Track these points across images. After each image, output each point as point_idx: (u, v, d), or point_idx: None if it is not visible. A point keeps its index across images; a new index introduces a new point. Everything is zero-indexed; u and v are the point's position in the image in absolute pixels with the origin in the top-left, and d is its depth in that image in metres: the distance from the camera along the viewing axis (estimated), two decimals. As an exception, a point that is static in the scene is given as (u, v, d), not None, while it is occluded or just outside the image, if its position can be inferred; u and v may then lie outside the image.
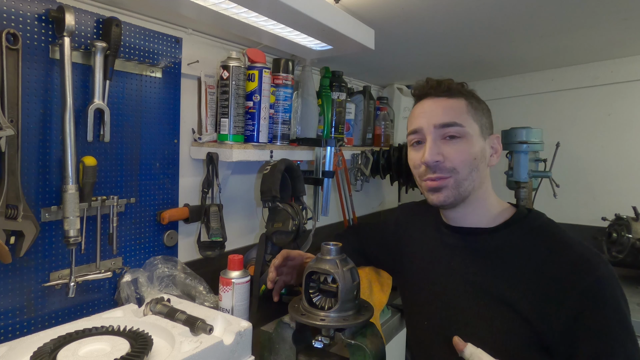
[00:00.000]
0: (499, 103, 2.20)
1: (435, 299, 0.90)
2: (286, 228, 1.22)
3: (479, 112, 0.88)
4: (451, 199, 0.85)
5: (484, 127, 0.88)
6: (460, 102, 0.86)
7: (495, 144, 0.91)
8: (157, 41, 1.12)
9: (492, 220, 0.88)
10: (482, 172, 0.87)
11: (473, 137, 0.85)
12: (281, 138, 1.38)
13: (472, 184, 0.85)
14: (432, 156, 0.83)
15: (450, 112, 0.85)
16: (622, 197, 1.86)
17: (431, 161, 0.83)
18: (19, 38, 0.84)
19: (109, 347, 0.72)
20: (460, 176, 0.84)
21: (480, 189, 0.88)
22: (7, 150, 0.82)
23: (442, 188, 0.85)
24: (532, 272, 0.78)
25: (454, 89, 0.87)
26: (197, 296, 1.13)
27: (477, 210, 0.89)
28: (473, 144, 0.85)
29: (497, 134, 0.92)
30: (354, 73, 1.93)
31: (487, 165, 0.89)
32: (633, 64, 1.84)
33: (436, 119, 0.85)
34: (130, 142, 1.09)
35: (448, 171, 0.84)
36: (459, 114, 0.85)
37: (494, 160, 0.91)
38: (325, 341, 0.84)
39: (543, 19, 1.29)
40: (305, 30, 1.10)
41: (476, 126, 0.86)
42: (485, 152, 0.88)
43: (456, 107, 0.85)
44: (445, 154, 0.84)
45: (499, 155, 0.91)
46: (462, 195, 0.85)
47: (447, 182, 0.84)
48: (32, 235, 0.87)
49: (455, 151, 0.84)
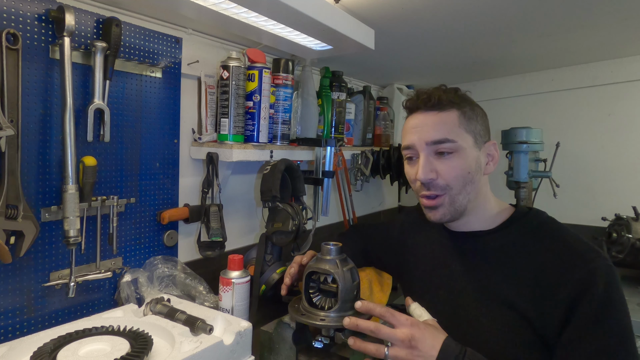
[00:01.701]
0: (499, 103, 2.20)
1: (440, 303, 0.90)
2: (286, 228, 1.22)
3: (472, 121, 0.86)
4: (448, 217, 0.86)
5: (478, 136, 0.86)
6: (452, 114, 0.85)
7: (492, 151, 0.89)
8: (157, 41, 1.12)
9: (491, 222, 0.88)
10: (477, 183, 0.86)
11: (466, 149, 0.84)
12: (281, 138, 1.38)
13: (467, 197, 0.85)
14: (425, 174, 0.84)
15: (442, 127, 0.84)
16: (622, 197, 1.86)
17: (424, 179, 0.84)
18: (19, 38, 0.84)
19: (109, 347, 0.72)
20: (454, 191, 0.84)
21: (479, 198, 0.87)
22: (7, 150, 0.82)
23: (438, 207, 0.86)
24: (531, 270, 0.78)
25: (444, 101, 0.85)
26: (197, 296, 1.13)
27: (479, 216, 0.89)
28: (466, 157, 0.84)
29: (494, 140, 0.90)
30: (354, 73, 1.93)
31: (483, 174, 0.88)
32: (633, 64, 1.84)
33: (427, 136, 0.84)
34: (130, 142, 1.09)
35: (441, 188, 0.84)
36: (451, 129, 0.83)
37: (490, 168, 0.89)
38: (325, 341, 0.84)
39: (543, 19, 1.29)
40: (305, 30, 1.10)
41: (469, 137, 0.85)
42: (480, 162, 0.87)
43: (448, 122, 0.84)
44: (438, 171, 0.84)
45: (496, 162, 0.89)
46: (458, 210, 0.85)
47: (442, 201, 0.85)
48: (32, 235, 0.87)
49: (448, 167, 0.83)
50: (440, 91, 0.87)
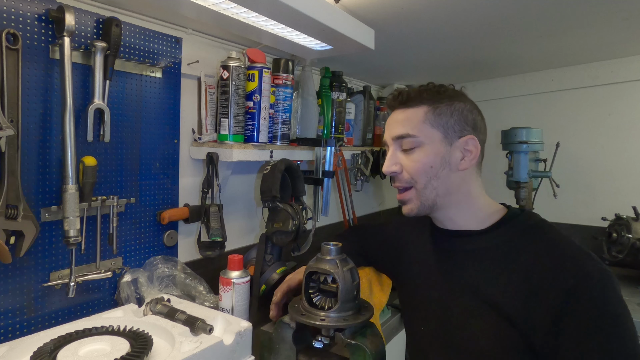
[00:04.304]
0: (499, 103, 2.20)
1: (431, 304, 0.90)
2: (286, 228, 1.22)
3: (443, 116, 0.85)
4: (415, 211, 0.88)
5: (450, 131, 0.85)
6: (419, 110, 0.86)
7: (470, 146, 0.86)
8: (157, 41, 1.12)
9: (482, 222, 0.87)
10: (446, 178, 0.85)
11: (429, 145, 0.85)
12: (281, 138, 1.38)
13: (434, 192, 0.85)
14: (388, 167, 0.88)
15: (405, 123, 0.86)
16: (622, 197, 1.86)
17: (387, 171, 0.89)
18: (19, 38, 0.84)
19: (109, 347, 0.72)
20: (419, 185, 0.86)
21: (458, 193, 0.87)
22: (7, 150, 0.82)
23: (407, 201, 0.89)
24: (519, 273, 0.77)
25: (413, 98, 0.87)
26: (197, 296, 1.13)
27: (463, 213, 0.88)
28: (429, 153, 0.84)
29: (471, 135, 0.86)
30: (354, 73, 1.93)
31: (458, 169, 0.86)
32: (633, 64, 1.84)
33: (393, 132, 0.89)
34: (130, 142, 1.09)
35: (406, 181, 0.87)
36: (414, 125, 0.85)
37: (466, 164, 0.86)
38: (325, 341, 0.84)
39: (543, 19, 1.29)
40: (305, 30, 1.10)
41: (437, 132, 0.85)
42: (449, 158, 0.85)
43: (412, 118, 0.86)
44: (403, 165, 0.87)
45: (474, 157, 0.86)
46: (425, 204, 0.87)
47: (409, 194, 0.88)
48: (32, 235, 0.87)
49: (410, 161, 0.86)
50: (416, 89, 0.89)
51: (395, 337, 1.32)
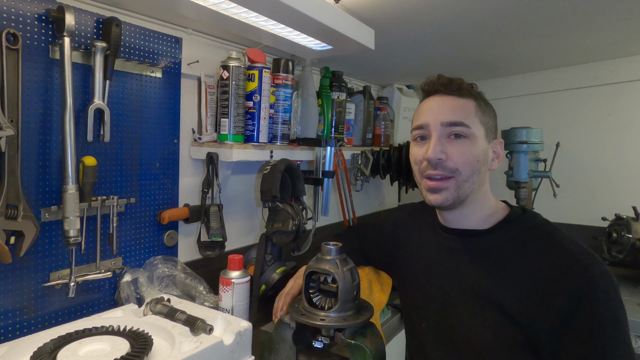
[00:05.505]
0: (499, 103, 2.19)
1: (432, 302, 0.90)
2: (286, 228, 1.22)
3: (486, 115, 0.88)
4: (450, 201, 0.85)
5: (489, 131, 0.88)
6: (469, 102, 0.86)
7: (498, 149, 0.91)
8: (157, 41, 1.12)
9: (486, 221, 0.88)
10: (482, 175, 0.87)
11: (478, 139, 0.85)
12: (281, 138, 1.38)
13: (472, 187, 0.85)
14: (436, 153, 0.83)
15: (459, 111, 0.84)
16: (622, 197, 1.86)
17: (434, 158, 0.83)
18: (19, 38, 0.84)
19: (109, 347, 0.72)
20: (462, 177, 0.84)
21: (479, 192, 0.87)
22: (7, 150, 0.82)
23: (442, 189, 0.84)
24: (523, 273, 0.78)
25: (464, 88, 0.87)
26: (197, 296, 1.13)
27: (474, 212, 0.89)
28: (477, 146, 0.84)
29: (500, 139, 0.92)
30: (354, 73, 1.93)
31: (488, 169, 0.89)
32: (633, 64, 1.84)
33: (443, 117, 0.84)
34: (130, 142, 1.09)
35: (450, 171, 0.84)
36: (467, 115, 0.84)
37: (495, 165, 0.90)
38: (325, 341, 0.84)
39: (543, 19, 1.29)
40: (305, 30, 1.11)
41: (482, 129, 0.86)
42: (487, 156, 0.88)
43: (465, 107, 0.85)
44: (448, 153, 0.83)
45: (500, 160, 0.91)
46: (460, 197, 0.85)
47: (448, 184, 0.84)
48: (32, 235, 0.87)
49: (459, 151, 0.83)
50: (461, 80, 0.88)
51: (395, 337, 1.32)
